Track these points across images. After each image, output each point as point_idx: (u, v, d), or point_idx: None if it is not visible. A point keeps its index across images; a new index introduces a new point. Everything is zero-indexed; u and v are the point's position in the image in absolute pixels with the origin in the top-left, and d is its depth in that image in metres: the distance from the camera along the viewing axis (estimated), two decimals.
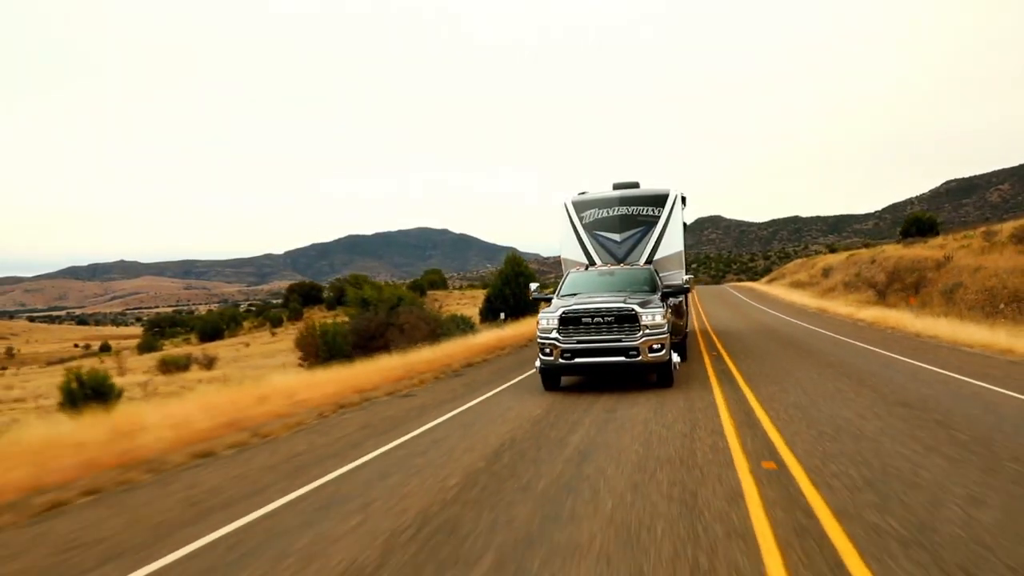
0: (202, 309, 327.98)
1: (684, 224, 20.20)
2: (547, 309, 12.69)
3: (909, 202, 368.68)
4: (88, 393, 18.57)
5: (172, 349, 66.89)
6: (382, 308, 26.65)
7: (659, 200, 16.81)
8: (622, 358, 11.66)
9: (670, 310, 13.79)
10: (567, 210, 17.38)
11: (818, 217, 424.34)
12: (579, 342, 11.88)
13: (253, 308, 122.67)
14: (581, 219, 17.15)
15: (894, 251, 50.65)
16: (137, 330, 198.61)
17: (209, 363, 45.05)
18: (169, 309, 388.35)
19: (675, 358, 12.62)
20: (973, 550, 4.87)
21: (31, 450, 8.01)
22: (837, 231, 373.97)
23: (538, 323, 12.62)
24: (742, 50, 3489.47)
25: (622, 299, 12.12)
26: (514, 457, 7.95)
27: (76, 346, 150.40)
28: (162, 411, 10.50)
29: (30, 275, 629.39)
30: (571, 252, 17.10)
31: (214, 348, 64.03)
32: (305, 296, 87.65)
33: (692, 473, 6.91)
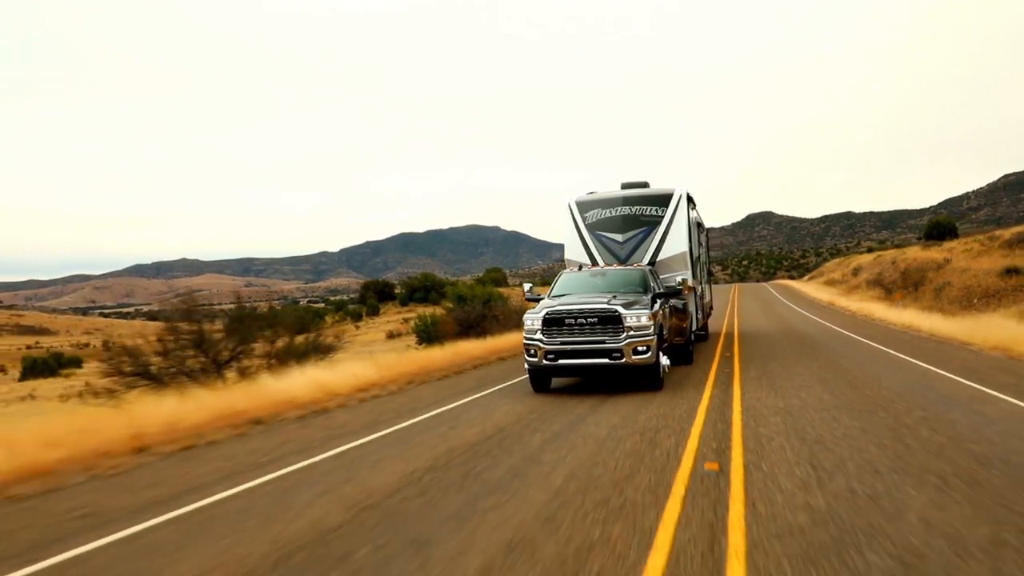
0: (263, 306, 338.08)
1: (698, 224, 20.52)
2: (532, 310, 12.70)
3: (965, 197, 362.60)
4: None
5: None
6: (477, 302, 34.62)
7: (663, 200, 16.85)
8: (605, 360, 11.61)
9: (670, 311, 14.22)
10: (571, 210, 17.53)
11: (871, 212, 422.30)
12: (562, 343, 11.86)
13: (329, 303, 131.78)
14: (584, 219, 17.23)
15: (913, 253, 57.22)
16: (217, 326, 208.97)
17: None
18: (231, 305, 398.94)
19: (664, 360, 12.48)
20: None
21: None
22: (891, 227, 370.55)
23: (524, 324, 12.67)
24: (790, 40, 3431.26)
25: (606, 300, 12.07)
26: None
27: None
28: (378, 364, 18.19)
29: (98, 273, 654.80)
30: (574, 253, 17.22)
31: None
32: (379, 293, 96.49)
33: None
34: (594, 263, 16.47)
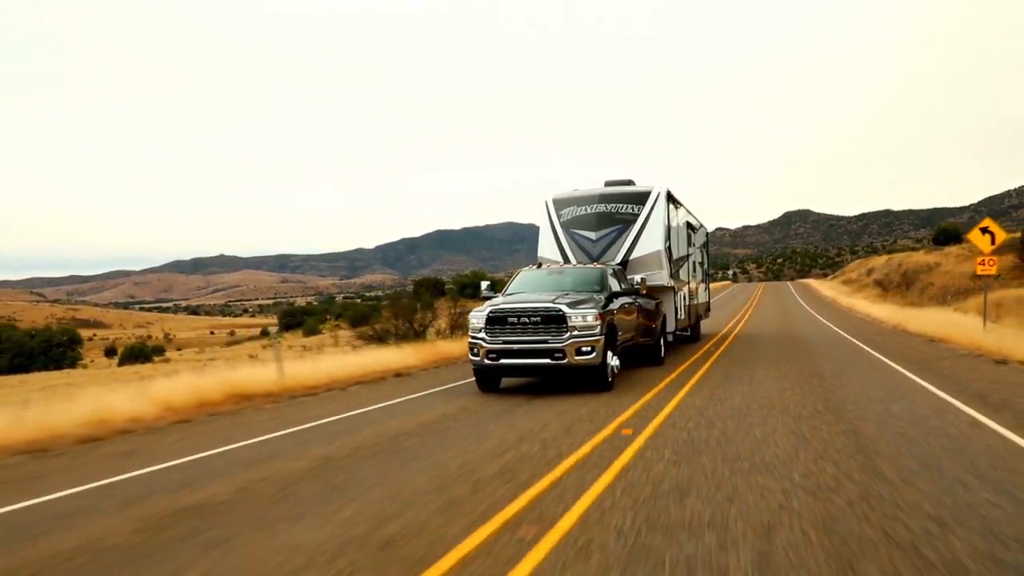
0: (300, 301, 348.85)
1: (688, 224, 20.66)
2: (478, 308, 12.43)
3: (1007, 195, 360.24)
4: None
5: (329, 331, 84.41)
6: None
7: (639, 198, 16.64)
8: (547, 360, 11.43)
9: (638, 311, 14.16)
10: (547, 208, 17.38)
11: (910, 211, 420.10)
12: (505, 343, 11.67)
13: (375, 298, 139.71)
14: (560, 217, 17.03)
15: (916, 257, 63.79)
16: (259, 320, 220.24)
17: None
18: (269, 301, 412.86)
19: (613, 361, 12.19)
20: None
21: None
22: (930, 225, 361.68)
23: (469, 322, 12.48)
24: (832, 32, 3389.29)
25: (551, 299, 11.83)
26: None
27: (212, 333, 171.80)
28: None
29: (138, 269, 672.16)
30: (548, 251, 17.00)
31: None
32: (432, 289, 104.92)
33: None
34: (566, 261, 16.19)
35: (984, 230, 19.87)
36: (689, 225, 20.84)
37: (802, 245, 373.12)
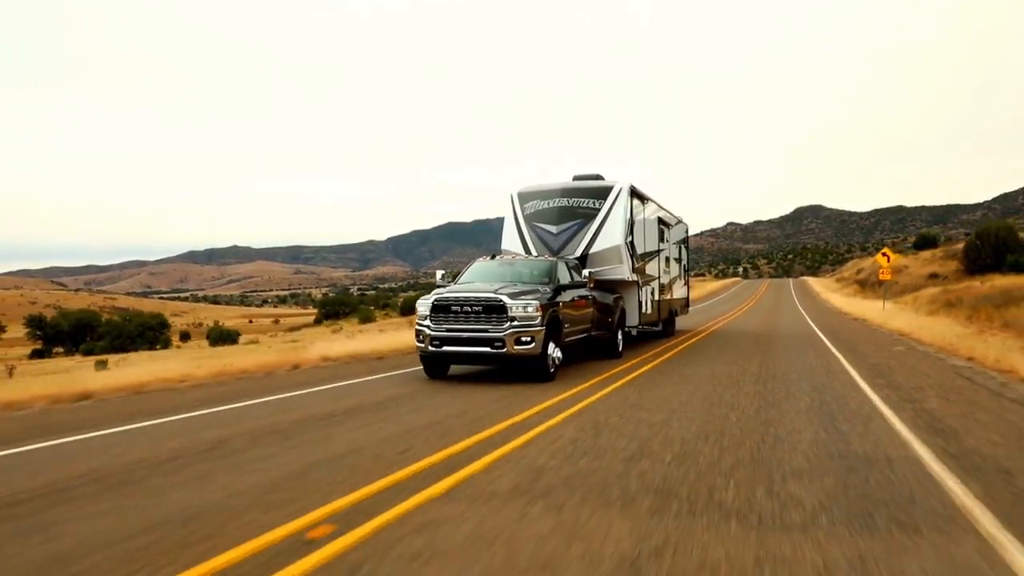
0: (315, 293, 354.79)
1: (660, 220, 21.06)
2: (425, 296, 12.67)
3: (1021, 191, 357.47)
4: None
5: (382, 318, 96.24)
6: None
7: (601, 193, 17.00)
8: (487, 349, 11.74)
9: (594, 305, 14.81)
10: (512, 201, 17.80)
11: (923, 207, 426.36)
12: (448, 330, 12.00)
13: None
14: (524, 210, 17.43)
15: (896, 259, 75.99)
16: (291, 310, 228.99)
17: None
18: (284, 292, 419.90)
19: (555, 353, 12.35)
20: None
21: None
22: (943, 221, 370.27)
23: (416, 310, 12.81)
24: (843, 29, 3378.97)
25: (494, 290, 12.11)
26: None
27: (250, 321, 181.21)
28: None
29: (153, 259, 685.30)
30: (511, 243, 17.33)
31: None
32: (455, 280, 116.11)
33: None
34: (528, 253, 16.39)
35: (884, 254, 32.36)
36: (661, 221, 21.32)
37: (813, 241, 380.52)
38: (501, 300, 11.64)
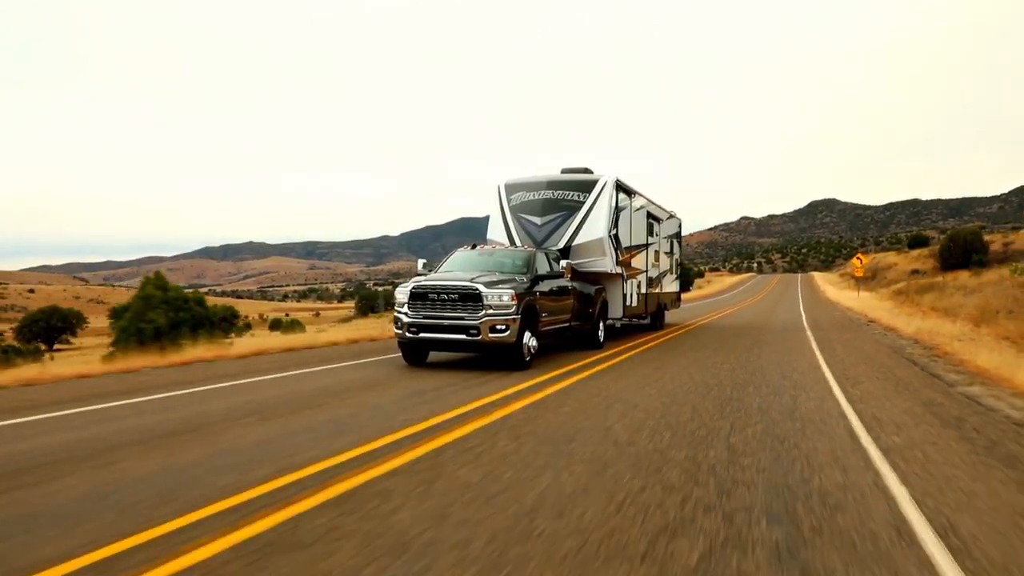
0: (332, 288, 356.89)
1: (649, 215, 21.44)
2: (403, 284, 13.03)
3: None
4: None
5: None
6: None
7: (586, 186, 17.15)
8: (463, 336, 12.03)
9: (575, 295, 15.02)
10: (499, 192, 18.05)
11: (939, 200, 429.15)
12: (425, 317, 12.27)
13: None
14: (510, 201, 17.61)
15: (888, 257, 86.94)
16: (319, 304, 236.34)
17: None
18: (301, 287, 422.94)
19: (531, 341, 12.62)
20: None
21: None
22: (959, 215, 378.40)
23: (395, 297, 13.12)
24: (858, 22, 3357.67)
25: (470, 278, 12.38)
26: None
27: (287, 315, 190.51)
28: None
29: (169, 255, 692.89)
30: (496, 234, 17.53)
31: None
32: None
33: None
34: (513, 244, 16.59)
35: (858, 258, 44.28)
36: (651, 215, 21.54)
37: (827, 235, 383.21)
38: (476, 289, 11.95)
